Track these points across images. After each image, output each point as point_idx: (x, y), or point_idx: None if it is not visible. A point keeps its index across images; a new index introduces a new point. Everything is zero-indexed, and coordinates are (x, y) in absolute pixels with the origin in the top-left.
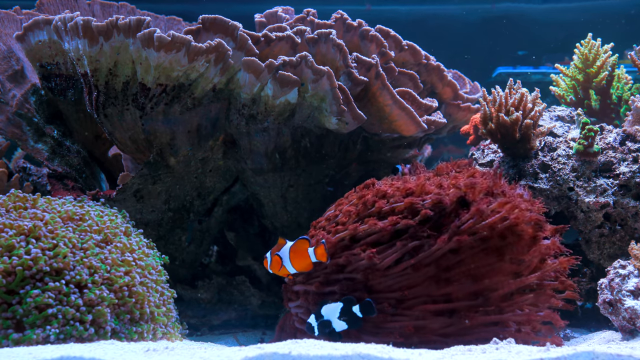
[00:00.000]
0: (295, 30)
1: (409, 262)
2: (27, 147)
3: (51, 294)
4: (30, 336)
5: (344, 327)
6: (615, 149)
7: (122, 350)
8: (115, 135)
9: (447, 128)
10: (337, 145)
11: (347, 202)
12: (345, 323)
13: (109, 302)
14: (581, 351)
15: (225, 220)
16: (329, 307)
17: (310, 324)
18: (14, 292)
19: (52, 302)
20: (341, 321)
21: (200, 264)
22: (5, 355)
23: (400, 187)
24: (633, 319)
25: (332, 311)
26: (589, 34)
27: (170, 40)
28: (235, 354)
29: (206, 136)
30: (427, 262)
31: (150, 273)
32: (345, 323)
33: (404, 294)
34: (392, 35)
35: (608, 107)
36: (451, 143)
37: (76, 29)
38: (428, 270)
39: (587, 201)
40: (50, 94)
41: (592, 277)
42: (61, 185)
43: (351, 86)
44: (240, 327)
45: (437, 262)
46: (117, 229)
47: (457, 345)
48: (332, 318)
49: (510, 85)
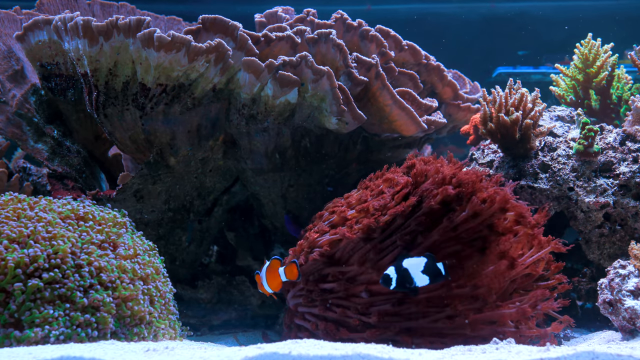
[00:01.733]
0: (295, 30)
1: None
2: (27, 147)
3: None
4: (29, 335)
5: (426, 282)
6: (615, 149)
7: (122, 351)
8: (115, 135)
9: (447, 128)
10: (337, 145)
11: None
12: (428, 279)
13: (108, 308)
14: (581, 351)
15: (225, 220)
16: (411, 261)
17: (389, 276)
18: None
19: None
20: (424, 275)
21: (200, 264)
22: (5, 355)
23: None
24: (633, 319)
25: (416, 265)
26: (589, 34)
27: (170, 40)
28: (235, 354)
29: (206, 136)
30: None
31: (152, 275)
32: (428, 279)
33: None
34: (392, 35)
35: (608, 107)
36: (451, 143)
37: (76, 29)
38: None
39: (587, 201)
40: (50, 94)
41: (592, 277)
42: (61, 185)
43: (351, 86)
44: (240, 327)
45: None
46: (119, 230)
47: (457, 345)
48: (415, 273)
49: (510, 85)
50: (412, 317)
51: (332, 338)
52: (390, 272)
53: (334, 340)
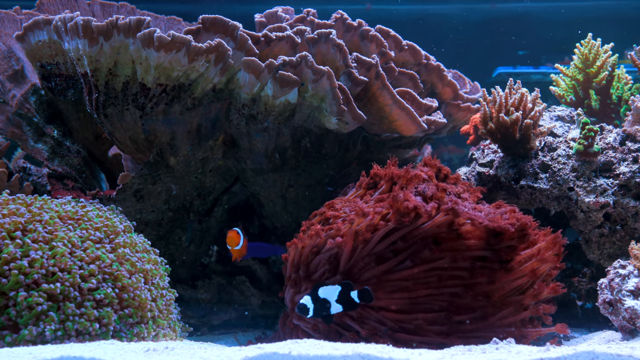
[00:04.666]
0: (295, 30)
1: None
2: (27, 147)
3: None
4: (23, 334)
5: (339, 310)
6: (615, 149)
7: (122, 350)
8: (115, 135)
9: (447, 128)
10: (337, 145)
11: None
12: (342, 306)
13: (110, 300)
14: (581, 351)
15: (226, 220)
16: (326, 289)
17: (306, 305)
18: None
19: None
20: (338, 304)
21: (200, 264)
22: (5, 355)
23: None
24: (633, 319)
25: (330, 293)
26: (589, 34)
27: (170, 40)
28: (235, 354)
29: (206, 136)
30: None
31: (152, 273)
32: (342, 306)
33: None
34: (392, 35)
35: (608, 107)
36: (451, 143)
37: (76, 29)
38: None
39: (587, 201)
40: (50, 94)
41: (592, 277)
42: (61, 185)
43: (351, 86)
44: (240, 327)
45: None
46: (118, 228)
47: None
48: (330, 299)
49: (510, 85)
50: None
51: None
52: (306, 302)
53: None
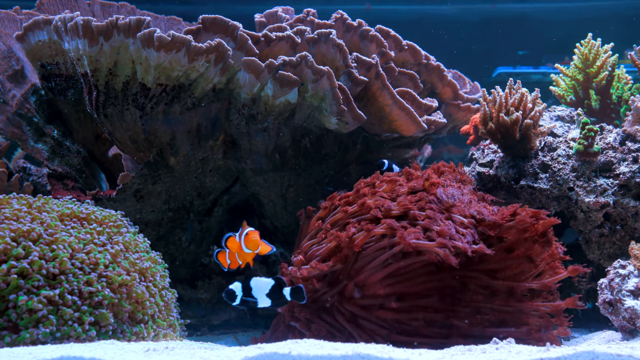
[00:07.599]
0: (295, 30)
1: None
2: (27, 147)
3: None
4: (24, 337)
5: (267, 305)
6: (615, 149)
7: (122, 350)
8: (115, 135)
9: (447, 128)
10: (337, 145)
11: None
12: (271, 302)
13: (109, 300)
14: (581, 351)
15: (226, 220)
16: (258, 281)
17: (234, 292)
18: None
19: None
20: (267, 298)
21: (200, 264)
22: (5, 355)
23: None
24: (633, 319)
25: (262, 287)
26: (589, 34)
27: (170, 40)
28: (235, 354)
29: (206, 136)
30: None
31: (151, 272)
32: (271, 302)
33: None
34: (392, 35)
35: (608, 107)
36: (451, 143)
37: (76, 29)
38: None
39: (587, 201)
40: (50, 94)
41: (592, 277)
42: (61, 185)
43: (351, 86)
44: (240, 327)
45: None
46: (118, 229)
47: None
48: (259, 294)
49: (510, 85)
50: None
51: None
52: (235, 288)
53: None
